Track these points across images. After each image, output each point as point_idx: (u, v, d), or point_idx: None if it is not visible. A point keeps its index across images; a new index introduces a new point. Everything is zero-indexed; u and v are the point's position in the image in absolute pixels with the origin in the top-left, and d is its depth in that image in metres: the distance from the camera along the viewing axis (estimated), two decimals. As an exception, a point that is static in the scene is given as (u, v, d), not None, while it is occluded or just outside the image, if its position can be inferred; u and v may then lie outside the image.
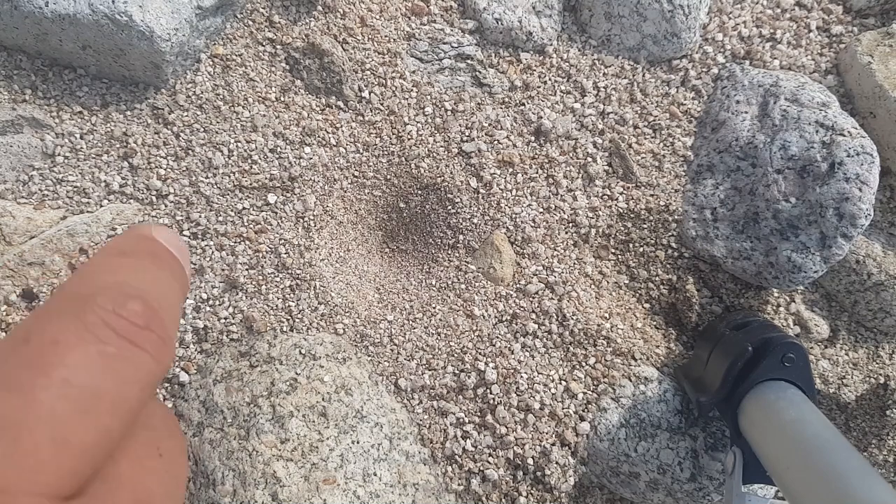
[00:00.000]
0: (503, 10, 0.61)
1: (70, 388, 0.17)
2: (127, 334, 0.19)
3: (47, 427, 0.17)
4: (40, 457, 0.16)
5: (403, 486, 0.52)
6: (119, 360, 0.19)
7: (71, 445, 0.17)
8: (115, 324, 0.19)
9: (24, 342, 0.18)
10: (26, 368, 0.17)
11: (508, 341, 0.58)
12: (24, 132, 0.55)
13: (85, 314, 0.19)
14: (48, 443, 0.16)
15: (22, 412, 0.16)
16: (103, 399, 0.18)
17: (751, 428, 0.46)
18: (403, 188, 0.62)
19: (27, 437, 0.16)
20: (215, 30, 0.59)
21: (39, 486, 0.16)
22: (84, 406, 0.17)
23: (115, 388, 0.18)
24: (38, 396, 0.17)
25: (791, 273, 0.54)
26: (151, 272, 0.22)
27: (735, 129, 0.57)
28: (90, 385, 0.18)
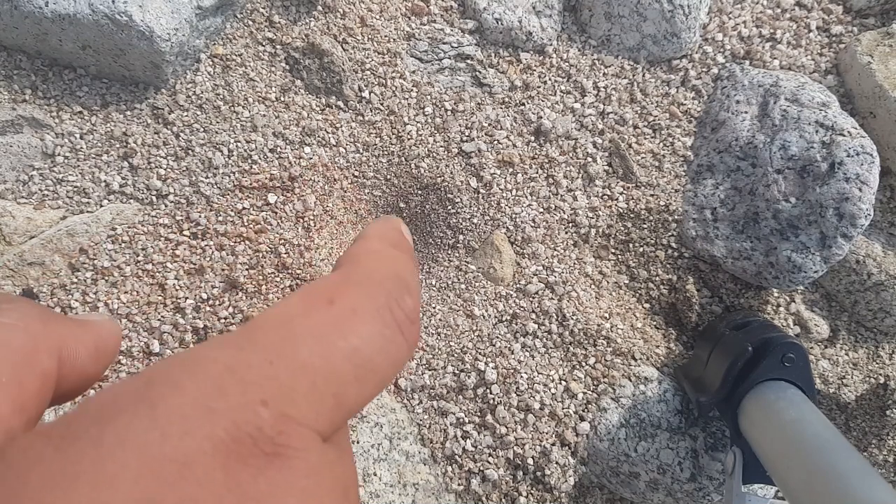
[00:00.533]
0: (503, 10, 0.61)
1: (358, 355, 0.20)
2: (401, 324, 0.22)
3: (335, 382, 0.19)
4: (324, 404, 0.19)
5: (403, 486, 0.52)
6: (391, 345, 0.21)
7: (344, 403, 0.20)
8: (396, 313, 0.22)
9: (329, 302, 0.21)
10: (331, 325, 0.20)
11: (508, 341, 0.58)
12: (24, 132, 0.55)
13: (378, 295, 0.22)
14: (332, 395, 0.19)
15: (322, 362, 0.19)
16: (375, 374, 0.21)
17: (751, 428, 0.46)
18: (403, 188, 0.62)
19: (321, 384, 0.19)
20: (215, 30, 0.59)
21: (318, 426, 0.19)
22: (361, 375, 0.20)
23: (384, 367, 0.21)
24: (335, 353, 0.20)
25: (791, 273, 0.54)
26: (413, 270, 0.26)
27: (735, 129, 0.57)
28: (370, 358, 0.20)
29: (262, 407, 0.17)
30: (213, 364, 0.18)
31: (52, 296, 0.52)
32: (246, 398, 0.17)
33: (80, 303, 0.52)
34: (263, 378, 0.18)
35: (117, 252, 0.54)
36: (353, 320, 0.21)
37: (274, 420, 0.17)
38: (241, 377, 0.18)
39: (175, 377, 0.17)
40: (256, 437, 0.17)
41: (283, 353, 0.19)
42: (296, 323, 0.20)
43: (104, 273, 0.53)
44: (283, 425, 0.17)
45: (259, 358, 0.18)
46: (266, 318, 0.20)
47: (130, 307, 0.53)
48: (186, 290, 0.54)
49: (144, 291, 0.54)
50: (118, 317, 0.53)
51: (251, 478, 0.16)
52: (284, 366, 0.18)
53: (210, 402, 0.17)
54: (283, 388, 0.18)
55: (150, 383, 0.17)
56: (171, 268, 0.55)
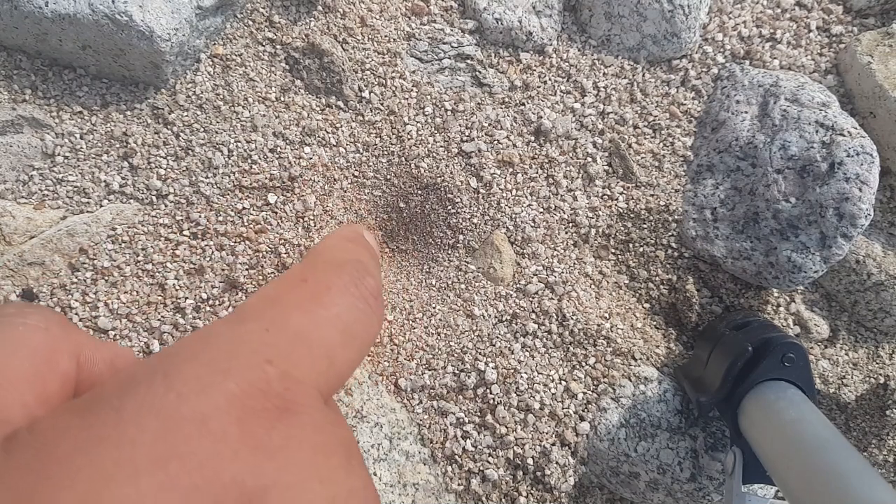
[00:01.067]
0: (503, 10, 0.61)
1: (340, 321, 0.22)
2: (367, 299, 0.24)
3: (325, 346, 0.21)
4: (321, 366, 0.20)
5: (403, 486, 0.52)
6: (364, 315, 0.23)
7: (335, 366, 0.21)
8: (360, 289, 0.24)
9: (303, 281, 0.23)
10: (311, 299, 0.22)
11: (508, 341, 0.58)
12: (24, 132, 0.55)
13: (342, 274, 0.24)
14: (325, 358, 0.21)
15: (311, 329, 0.21)
16: (355, 339, 0.23)
17: (751, 428, 0.46)
18: (403, 188, 0.62)
19: (315, 348, 0.20)
20: (215, 30, 0.59)
21: (318, 385, 0.20)
22: (345, 340, 0.22)
23: (362, 334, 0.23)
24: (320, 321, 0.21)
25: (791, 273, 0.54)
26: (372, 259, 0.28)
27: (735, 129, 0.57)
28: (350, 325, 0.22)
29: (269, 365, 0.18)
30: (217, 337, 0.19)
31: (52, 296, 0.52)
32: (252, 359, 0.18)
33: (80, 303, 0.52)
34: (264, 343, 0.19)
35: (117, 252, 0.54)
36: (329, 293, 0.23)
37: (280, 378, 0.18)
38: (245, 343, 0.19)
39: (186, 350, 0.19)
40: (267, 392, 0.18)
41: (276, 322, 0.20)
42: (281, 299, 0.22)
43: (104, 273, 0.53)
44: (289, 382, 0.19)
45: (257, 327, 0.20)
46: (252, 300, 0.22)
47: (130, 307, 0.53)
48: (186, 290, 0.54)
49: (144, 291, 0.54)
50: (118, 317, 0.53)
51: (264, 431, 0.17)
52: (281, 332, 0.20)
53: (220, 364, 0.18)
54: (284, 351, 0.19)
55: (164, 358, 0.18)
56: (171, 268, 0.55)
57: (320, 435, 0.19)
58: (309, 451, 0.18)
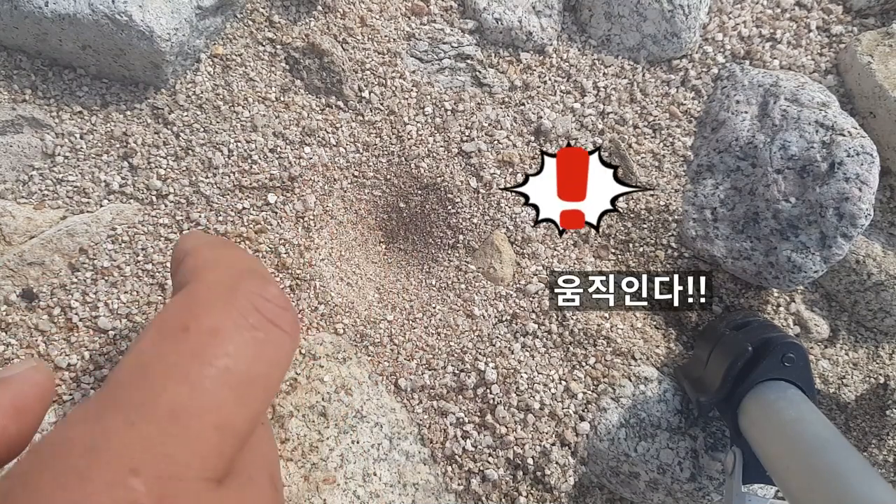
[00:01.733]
0: (503, 10, 0.61)
1: (230, 375, 0.18)
2: (273, 317, 0.20)
3: (212, 415, 0.18)
4: (207, 443, 0.17)
5: (403, 485, 0.52)
6: (268, 345, 0.20)
7: (231, 431, 0.18)
8: (263, 307, 0.20)
9: (184, 330, 0.19)
10: (190, 357, 0.18)
11: (508, 341, 0.58)
12: (24, 132, 0.55)
13: (236, 300, 0.20)
14: (213, 430, 0.17)
15: (190, 401, 0.17)
16: (257, 384, 0.19)
17: (751, 428, 0.46)
18: (403, 188, 0.62)
19: (195, 425, 0.17)
20: (215, 30, 0.59)
21: (206, 472, 0.17)
22: (242, 392, 0.19)
23: (266, 373, 0.20)
24: (204, 385, 0.18)
25: (791, 273, 0.54)
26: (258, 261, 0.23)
27: (735, 128, 0.57)
28: (247, 372, 0.19)
29: (134, 478, 0.15)
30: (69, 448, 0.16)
31: (52, 296, 0.52)
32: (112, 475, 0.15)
33: (80, 303, 0.52)
34: (128, 444, 0.16)
35: (117, 252, 0.54)
36: (216, 341, 0.19)
37: (150, 487, 0.15)
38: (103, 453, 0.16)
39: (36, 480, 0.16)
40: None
41: (143, 408, 0.17)
42: (153, 367, 0.18)
43: (104, 273, 0.53)
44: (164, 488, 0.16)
45: (119, 423, 0.16)
46: (121, 370, 0.18)
47: (130, 307, 0.53)
48: (186, 290, 0.54)
49: (144, 291, 0.54)
50: (118, 317, 0.53)
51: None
52: (148, 421, 0.17)
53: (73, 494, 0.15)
54: (154, 448, 0.16)
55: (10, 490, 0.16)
56: (171, 268, 0.55)
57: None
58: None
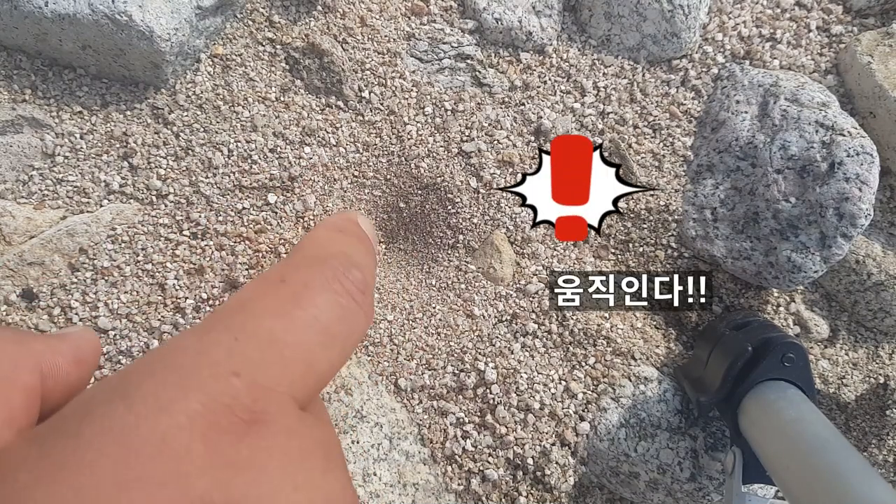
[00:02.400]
0: (503, 10, 0.61)
1: (318, 323, 0.21)
2: (352, 294, 0.23)
3: (301, 350, 0.20)
4: (296, 371, 0.20)
5: (403, 485, 0.52)
6: (348, 311, 0.23)
7: (314, 369, 0.21)
8: (345, 284, 0.23)
9: (281, 282, 0.22)
10: (287, 301, 0.21)
11: (508, 341, 0.58)
12: (24, 132, 0.55)
13: (324, 270, 0.23)
14: (301, 362, 0.20)
15: (284, 333, 0.20)
16: (337, 339, 0.22)
17: (751, 428, 0.46)
18: (403, 188, 0.62)
19: (288, 353, 0.20)
20: (215, 30, 0.59)
21: (293, 392, 0.19)
22: (325, 341, 0.21)
23: (345, 333, 0.22)
24: (296, 324, 0.21)
25: (791, 273, 0.54)
26: (361, 249, 0.27)
27: (735, 129, 0.57)
28: (330, 325, 0.22)
29: (235, 378, 0.18)
30: (182, 350, 0.19)
31: (52, 296, 0.52)
32: (217, 371, 0.18)
33: (80, 303, 0.52)
34: (232, 353, 0.18)
35: (117, 252, 0.54)
36: (307, 293, 0.22)
37: (248, 389, 0.18)
38: (211, 355, 0.18)
39: (146, 367, 0.18)
40: (233, 405, 0.17)
41: (247, 329, 0.19)
42: (255, 303, 0.21)
43: (104, 273, 0.53)
44: (259, 393, 0.18)
45: (226, 336, 0.19)
46: (225, 305, 0.21)
47: (130, 307, 0.53)
48: (186, 290, 0.54)
49: (144, 291, 0.54)
50: (118, 317, 0.53)
51: (232, 445, 0.16)
52: (251, 340, 0.19)
53: (182, 380, 0.17)
54: (254, 360, 0.19)
55: (123, 377, 0.18)
56: (171, 268, 0.55)
57: (294, 440, 0.18)
58: (280, 460, 0.17)
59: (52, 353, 0.23)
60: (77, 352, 0.23)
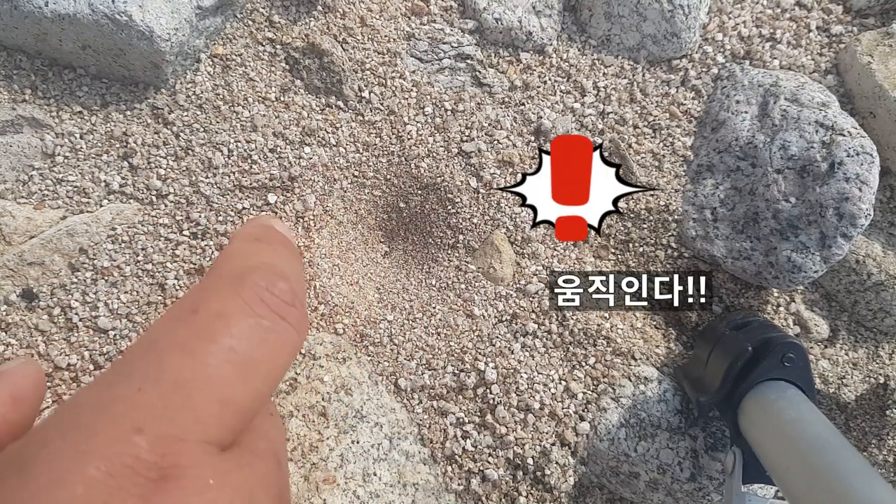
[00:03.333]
0: (503, 10, 0.61)
1: (234, 354, 0.20)
2: (278, 310, 0.22)
3: (215, 388, 0.19)
4: (209, 412, 0.19)
5: (403, 485, 0.52)
6: (272, 333, 0.21)
7: (232, 405, 0.19)
8: (269, 300, 0.22)
9: (193, 312, 0.21)
10: (197, 335, 0.20)
11: (508, 341, 0.58)
12: (23, 132, 0.55)
13: (243, 290, 0.21)
14: (215, 402, 0.19)
15: (194, 373, 0.19)
16: (260, 366, 0.20)
17: (751, 428, 0.46)
18: (403, 188, 0.62)
19: (198, 395, 0.19)
20: (215, 30, 0.59)
21: (207, 437, 0.18)
22: (245, 371, 0.20)
23: (270, 358, 0.21)
24: (208, 361, 0.19)
25: (791, 273, 0.54)
26: (285, 256, 0.25)
27: (735, 128, 0.57)
28: (250, 353, 0.20)
29: (138, 435, 0.17)
30: (80, 409, 0.18)
31: (52, 296, 0.52)
32: (118, 430, 0.17)
33: (80, 303, 0.52)
34: (135, 406, 0.17)
35: (117, 252, 0.54)
36: (221, 322, 0.20)
37: (152, 444, 0.17)
38: (111, 411, 0.17)
39: (43, 435, 0.17)
40: (135, 465, 0.16)
41: (151, 376, 0.18)
42: (161, 343, 0.20)
43: (104, 273, 0.53)
44: (165, 447, 0.17)
45: (127, 389, 0.18)
46: (133, 347, 0.20)
47: (130, 307, 0.53)
48: (186, 290, 0.54)
49: (144, 291, 0.54)
50: (118, 317, 0.53)
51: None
52: (155, 388, 0.18)
53: (78, 446, 0.16)
54: (158, 411, 0.18)
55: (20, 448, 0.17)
56: (171, 268, 0.55)
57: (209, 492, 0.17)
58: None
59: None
60: (14, 391, 0.22)
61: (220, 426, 0.19)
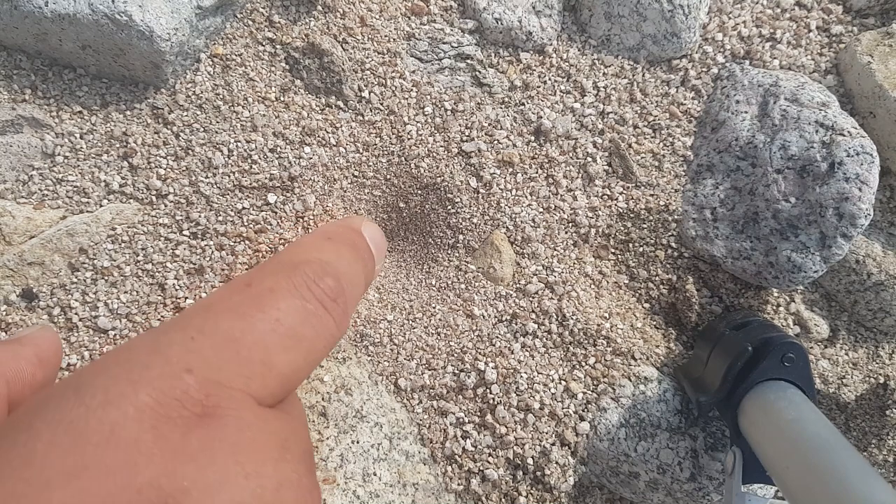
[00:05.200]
0: (503, 10, 0.61)
1: (280, 325, 0.22)
2: (322, 300, 0.24)
3: (260, 350, 0.21)
4: (253, 370, 0.20)
5: (403, 485, 0.52)
6: (315, 317, 0.23)
7: (274, 370, 0.21)
8: (314, 290, 0.24)
9: (247, 286, 0.23)
10: (249, 303, 0.22)
11: (508, 341, 0.58)
12: (23, 132, 0.55)
13: (294, 276, 0.23)
14: (259, 362, 0.20)
15: (242, 334, 0.21)
16: (301, 342, 0.22)
17: (750, 428, 0.46)
18: (403, 188, 0.62)
19: (245, 353, 0.20)
20: (215, 29, 0.59)
21: (249, 389, 0.20)
22: (287, 343, 0.22)
23: (310, 337, 0.23)
24: (256, 325, 0.21)
25: (791, 273, 0.54)
26: (347, 258, 0.27)
27: (735, 128, 0.57)
28: (294, 328, 0.22)
29: (187, 374, 0.18)
30: (136, 348, 0.19)
31: (52, 295, 0.52)
32: (170, 368, 0.18)
33: (80, 303, 0.52)
34: (187, 351, 0.19)
35: (117, 252, 0.54)
36: (271, 296, 0.22)
37: (200, 384, 0.18)
38: (165, 352, 0.19)
39: (102, 364, 0.19)
40: (183, 399, 0.18)
41: (204, 330, 0.20)
42: (216, 305, 0.22)
43: (104, 273, 0.53)
44: (211, 388, 0.19)
45: (182, 336, 0.20)
46: (190, 308, 0.22)
47: (130, 307, 0.53)
48: (186, 290, 0.54)
49: (144, 291, 0.54)
50: (118, 317, 0.53)
51: (181, 436, 0.17)
52: (207, 339, 0.20)
53: (134, 375, 0.18)
54: (208, 358, 0.19)
55: (79, 373, 0.18)
56: (171, 268, 0.55)
57: (246, 432, 0.19)
58: (231, 450, 0.18)
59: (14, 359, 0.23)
60: (39, 352, 0.24)
61: (262, 384, 0.20)
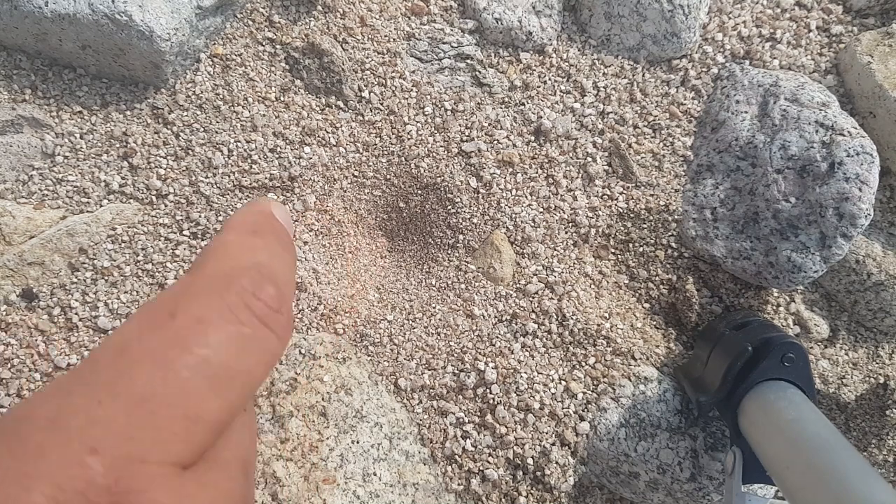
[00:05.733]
0: (503, 10, 0.61)
1: (209, 366, 0.18)
2: (263, 317, 0.20)
3: (183, 403, 0.18)
4: (173, 430, 0.17)
5: (403, 485, 0.52)
6: (253, 342, 0.20)
7: (201, 421, 0.18)
8: (254, 306, 0.20)
9: (171, 317, 0.19)
10: (172, 344, 0.18)
11: (508, 341, 0.58)
12: (24, 132, 0.55)
13: (228, 294, 0.20)
14: (182, 418, 0.17)
15: (162, 387, 0.17)
16: (236, 378, 0.19)
17: (751, 428, 0.46)
18: (403, 188, 0.62)
19: (164, 411, 0.17)
20: (215, 29, 0.59)
21: (169, 457, 0.17)
22: (218, 384, 0.19)
23: (247, 369, 0.20)
24: (179, 373, 0.18)
25: (791, 273, 0.54)
26: (279, 255, 0.24)
27: (735, 128, 0.57)
28: (226, 364, 0.19)
29: (92, 456, 0.16)
30: (32, 422, 0.16)
31: (52, 295, 0.52)
32: (70, 451, 0.16)
33: (80, 302, 0.52)
34: (91, 423, 0.16)
35: (117, 252, 0.54)
36: (199, 330, 0.19)
37: (108, 468, 0.16)
38: (65, 428, 0.16)
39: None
40: (87, 491, 0.15)
41: (114, 389, 0.17)
42: (132, 349, 0.18)
43: (104, 273, 0.53)
44: (121, 470, 0.16)
45: (86, 401, 0.17)
46: (101, 349, 0.19)
47: (130, 307, 0.53)
48: (186, 289, 0.54)
49: (144, 291, 0.54)
50: (118, 317, 0.53)
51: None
52: (117, 401, 0.17)
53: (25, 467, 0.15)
54: (118, 428, 0.16)
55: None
56: (170, 268, 0.55)
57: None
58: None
59: None
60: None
61: (186, 444, 0.18)
